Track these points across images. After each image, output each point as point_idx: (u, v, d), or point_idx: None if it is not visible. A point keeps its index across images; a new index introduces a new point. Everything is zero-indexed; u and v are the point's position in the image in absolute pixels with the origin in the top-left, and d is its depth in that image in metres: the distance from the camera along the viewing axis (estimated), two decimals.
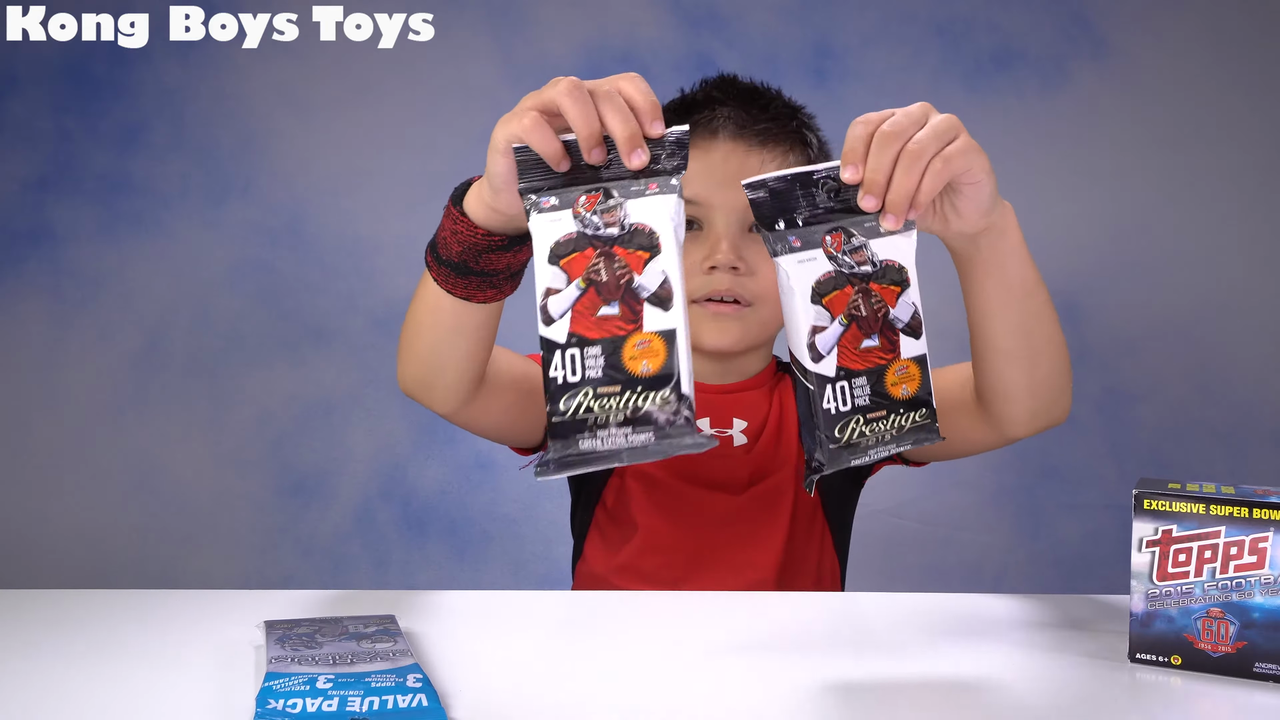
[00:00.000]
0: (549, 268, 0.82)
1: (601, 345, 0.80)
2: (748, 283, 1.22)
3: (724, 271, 1.21)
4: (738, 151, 1.23)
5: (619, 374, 0.79)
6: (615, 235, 0.83)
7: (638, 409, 0.78)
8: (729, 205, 1.21)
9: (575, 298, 0.81)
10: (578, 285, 0.81)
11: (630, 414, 0.78)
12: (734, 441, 1.27)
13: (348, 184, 1.86)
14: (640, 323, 0.80)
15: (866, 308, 0.85)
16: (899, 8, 1.87)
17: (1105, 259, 1.88)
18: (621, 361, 0.79)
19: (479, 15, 1.85)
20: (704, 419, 1.27)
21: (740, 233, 1.22)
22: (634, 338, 0.80)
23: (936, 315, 1.93)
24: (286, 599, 1.05)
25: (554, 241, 0.82)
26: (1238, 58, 1.87)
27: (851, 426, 0.82)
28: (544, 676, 0.87)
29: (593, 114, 0.84)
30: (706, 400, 1.28)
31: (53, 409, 1.85)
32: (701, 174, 1.21)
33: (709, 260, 1.21)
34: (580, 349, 0.80)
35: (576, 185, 0.84)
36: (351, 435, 1.86)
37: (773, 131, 1.24)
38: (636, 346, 0.80)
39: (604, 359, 0.79)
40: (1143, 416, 1.89)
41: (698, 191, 1.21)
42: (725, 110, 1.24)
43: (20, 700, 0.82)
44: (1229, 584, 0.86)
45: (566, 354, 0.80)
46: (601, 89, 0.84)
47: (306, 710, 0.73)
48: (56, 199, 1.84)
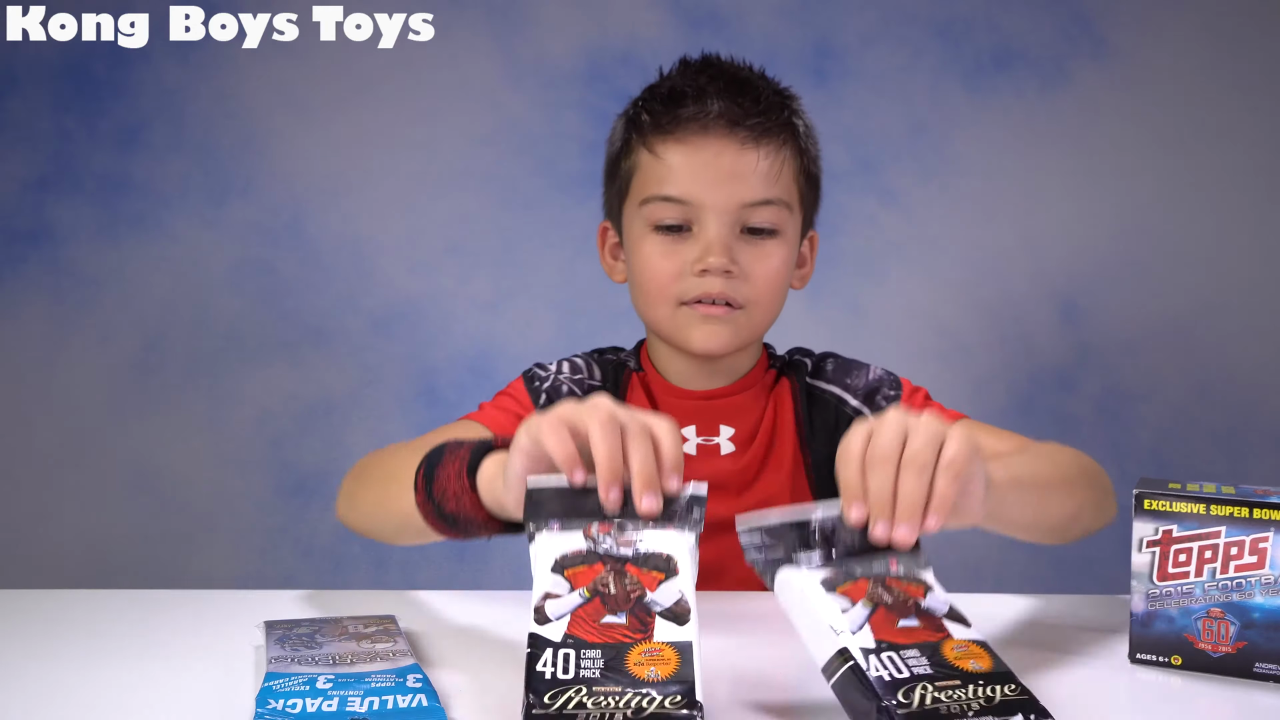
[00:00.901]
0: (550, 575, 0.76)
1: (603, 649, 0.72)
2: (740, 286, 1.20)
3: (716, 275, 1.19)
4: (730, 149, 1.19)
5: (622, 678, 0.71)
6: (629, 556, 0.78)
7: (642, 709, 0.69)
8: (721, 206, 1.18)
9: (577, 604, 0.75)
10: (581, 594, 0.76)
11: (634, 713, 0.69)
12: (721, 450, 1.25)
13: (348, 184, 1.86)
14: (650, 634, 0.74)
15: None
16: (899, 8, 1.87)
17: (1105, 259, 1.88)
18: (626, 666, 0.72)
19: (479, 15, 1.85)
20: (689, 427, 1.24)
21: (732, 235, 1.19)
22: (642, 645, 0.73)
23: (936, 314, 1.94)
24: (286, 599, 1.05)
25: (560, 555, 0.77)
26: (1238, 58, 1.87)
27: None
28: None
29: (618, 452, 0.81)
30: (692, 407, 1.25)
31: (53, 409, 1.85)
32: (692, 173, 1.19)
33: (700, 263, 1.19)
34: (577, 650, 0.72)
35: (588, 518, 0.80)
36: (351, 435, 1.86)
37: (765, 126, 1.20)
38: (644, 654, 0.73)
39: (604, 662, 0.72)
40: (1143, 416, 1.89)
41: (688, 190, 1.19)
42: (716, 105, 1.19)
43: (20, 700, 0.82)
44: (1229, 584, 0.86)
45: (560, 652, 0.72)
46: (633, 426, 0.82)
47: (306, 710, 0.73)
48: (56, 199, 1.84)
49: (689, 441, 1.24)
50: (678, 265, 1.20)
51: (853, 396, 1.27)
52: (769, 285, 1.22)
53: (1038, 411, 1.88)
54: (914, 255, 1.88)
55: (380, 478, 1.08)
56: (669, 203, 1.20)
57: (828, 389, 1.28)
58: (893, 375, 1.29)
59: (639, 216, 1.23)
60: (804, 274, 1.30)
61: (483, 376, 1.83)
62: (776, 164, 1.20)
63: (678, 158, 1.20)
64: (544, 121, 1.85)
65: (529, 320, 1.87)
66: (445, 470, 0.93)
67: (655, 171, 1.21)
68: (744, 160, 1.19)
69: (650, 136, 1.22)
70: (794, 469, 1.26)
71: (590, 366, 1.29)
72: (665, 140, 1.20)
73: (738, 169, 1.19)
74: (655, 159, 1.21)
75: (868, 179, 1.87)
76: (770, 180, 1.20)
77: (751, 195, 1.19)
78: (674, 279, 1.20)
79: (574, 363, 1.29)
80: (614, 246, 1.31)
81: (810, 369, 1.30)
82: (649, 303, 1.24)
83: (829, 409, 1.27)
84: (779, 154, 1.21)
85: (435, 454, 0.96)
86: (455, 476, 0.92)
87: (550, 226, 1.86)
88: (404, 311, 1.87)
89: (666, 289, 1.21)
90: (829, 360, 1.31)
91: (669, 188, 1.20)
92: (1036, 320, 1.89)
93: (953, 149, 1.87)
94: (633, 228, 1.24)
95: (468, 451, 0.93)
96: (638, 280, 1.24)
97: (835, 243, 1.82)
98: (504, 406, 1.25)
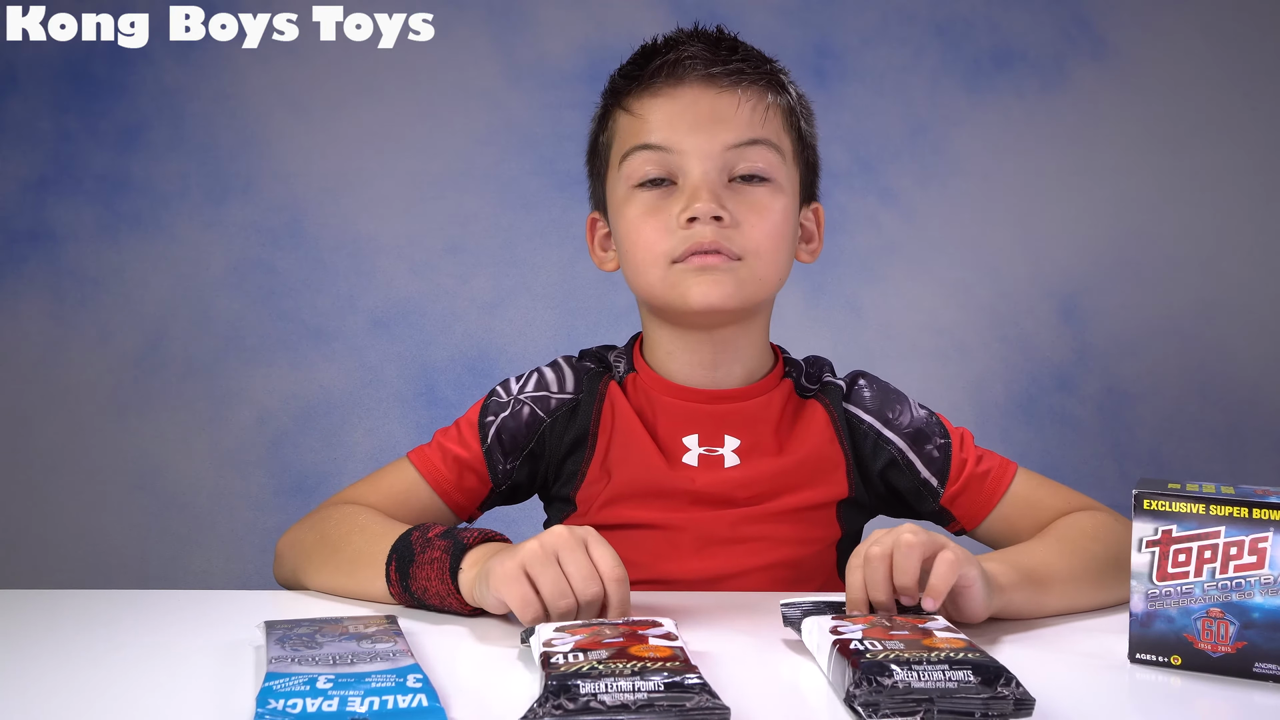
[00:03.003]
0: (552, 632, 0.85)
1: (605, 650, 0.80)
2: (734, 235, 1.11)
3: (705, 223, 1.10)
4: (708, 93, 1.13)
5: (628, 660, 0.78)
6: (618, 621, 0.89)
7: (647, 668, 0.76)
8: (703, 150, 1.12)
9: (576, 640, 0.83)
10: (578, 638, 0.83)
11: (639, 671, 0.76)
12: (725, 462, 1.17)
13: (348, 184, 1.86)
14: (647, 642, 0.82)
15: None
16: (899, 8, 1.87)
17: (1105, 259, 1.88)
18: (629, 653, 0.79)
19: (479, 15, 1.85)
20: (692, 436, 1.17)
21: (720, 181, 1.12)
22: (640, 645, 0.81)
23: (936, 314, 1.94)
24: (286, 599, 1.05)
25: (555, 629, 0.86)
26: (1237, 58, 1.87)
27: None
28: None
29: (564, 584, 0.93)
30: (695, 410, 1.18)
31: (53, 409, 1.85)
32: (670, 119, 1.13)
33: (687, 212, 1.10)
34: (584, 651, 0.80)
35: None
36: (351, 435, 1.86)
37: (745, 72, 1.14)
38: (642, 649, 0.81)
39: (608, 655, 0.79)
40: (1143, 416, 1.89)
41: (667, 138, 1.12)
42: (689, 51, 1.14)
43: (20, 700, 0.82)
44: (1229, 584, 0.86)
45: (565, 654, 0.80)
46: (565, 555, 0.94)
47: (306, 710, 0.73)
48: (56, 199, 1.84)
49: (690, 451, 1.18)
50: (664, 220, 1.13)
51: (897, 435, 1.20)
52: (768, 234, 1.13)
53: (1038, 411, 1.88)
54: (914, 255, 1.88)
55: (336, 562, 1.09)
56: (648, 150, 1.14)
57: (866, 420, 1.21)
58: (934, 417, 1.22)
59: (620, 181, 1.16)
60: (813, 249, 1.23)
61: (483, 376, 1.83)
62: (760, 107, 1.14)
63: (654, 108, 1.15)
64: (544, 121, 1.85)
65: (529, 320, 1.87)
66: (424, 570, 1.00)
67: (632, 127, 1.16)
68: (723, 102, 1.13)
69: (625, 97, 1.17)
70: (825, 501, 1.18)
71: (563, 377, 1.21)
72: (640, 96, 1.16)
73: (717, 111, 1.13)
74: (632, 117, 1.16)
75: (868, 179, 1.87)
76: (755, 123, 1.14)
77: (735, 136, 1.13)
78: (662, 235, 1.13)
79: (543, 375, 1.22)
80: (604, 238, 1.24)
81: (845, 392, 1.22)
82: (639, 268, 1.15)
83: (868, 441, 1.20)
84: (762, 99, 1.15)
85: (404, 550, 1.02)
86: (437, 578, 0.99)
87: (550, 226, 1.86)
88: (404, 311, 1.87)
89: (654, 247, 1.13)
90: (861, 383, 1.23)
91: (647, 136, 1.14)
92: (1036, 320, 1.89)
93: (953, 149, 1.88)
94: (615, 194, 1.18)
95: (444, 554, 0.99)
96: (625, 248, 1.17)
97: (835, 243, 1.82)
98: (448, 446, 1.20)
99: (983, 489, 1.19)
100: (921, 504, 1.21)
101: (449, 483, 1.20)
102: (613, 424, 1.19)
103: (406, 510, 1.17)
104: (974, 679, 0.76)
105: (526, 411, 1.20)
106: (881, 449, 1.20)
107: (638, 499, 1.16)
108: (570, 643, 0.81)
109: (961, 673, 0.76)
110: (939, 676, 0.76)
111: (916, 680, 0.76)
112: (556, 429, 1.20)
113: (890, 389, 1.24)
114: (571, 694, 0.72)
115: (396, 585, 1.02)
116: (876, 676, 0.76)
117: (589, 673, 0.75)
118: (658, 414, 1.19)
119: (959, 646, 0.81)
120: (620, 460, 1.18)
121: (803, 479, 1.18)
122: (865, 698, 0.75)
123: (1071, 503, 1.18)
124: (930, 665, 0.77)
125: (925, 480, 1.20)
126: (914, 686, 0.75)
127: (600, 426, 1.19)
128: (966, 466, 1.19)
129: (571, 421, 1.20)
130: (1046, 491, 1.20)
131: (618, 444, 1.18)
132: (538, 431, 1.20)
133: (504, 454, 1.20)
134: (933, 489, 1.20)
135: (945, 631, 0.85)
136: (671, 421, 1.19)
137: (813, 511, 1.18)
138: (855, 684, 0.76)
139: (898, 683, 0.76)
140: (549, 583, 0.92)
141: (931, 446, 1.20)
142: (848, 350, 1.32)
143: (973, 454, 1.20)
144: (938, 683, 0.76)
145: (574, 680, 0.74)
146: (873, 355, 1.81)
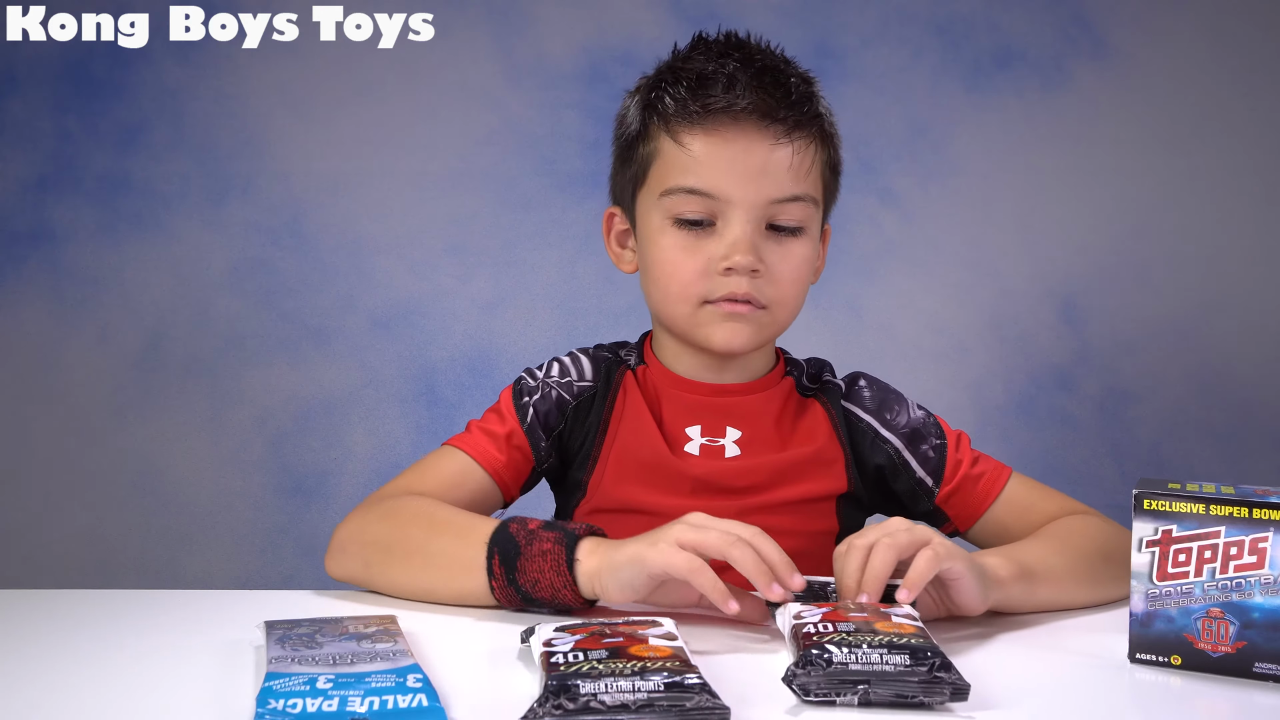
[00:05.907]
0: (552, 632, 0.86)
1: (605, 650, 0.80)
2: (765, 287, 1.16)
3: (742, 274, 1.15)
4: (762, 145, 1.14)
5: (628, 660, 0.78)
6: (619, 622, 0.89)
7: (647, 668, 0.77)
8: (749, 202, 1.14)
9: (576, 640, 0.83)
10: (578, 638, 0.84)
11: (638, 670, 0.77)
12: (725, 452, 1.21)
13: (348, 184, 1.86)
14: (646, 643, 0.82)
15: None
16: (899, 8, 1.87)
17: (1105, 259, 1.88)
18: (629, 653, 0.80)
19: (479, 15, 1.85)
20: (695, 426, 1.21)
21: (758, 232, 1.15)
22: (639, 645, 0.81)
23: (936, 314, 1.94)
24: (286, 599, 1.05)
25: (555, 629, 0.87)
26: (1237, 58, 1.87)
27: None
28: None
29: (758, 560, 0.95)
30: (698, 403, 1.22)
31: (53, 409, 1.85)
32: (721, 166, 1.14)
33: (726, 261, 1.14)
34: (584, 651, 0.80)
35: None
36: (351, 435, 1.86)
37: (797, 120, 1.16)
38: (641, 649, 0.81)
39: (608, 655, 0.79)
40: (1142, 416, 1.89)
41: (717, 184, 1.14)
42: (747, 96, 1.14)
43: (20, 700, 0.82)
44: (1229, 584, 0.86)
45: (565, 653, 0.80)
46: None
47: (306, 710, 0.73)
48: (56, 199, 1.84)
49: (693, 441, 1.21)
50: (701, 263, 1.16)
51: (893, 435, 1.23)
52: (794, 285, 1.19)
53: (1038, 411, 1.88)
54: (914, 255, 1.88)
55: (425, 557, 1.07)
56: (694, 195, 1.15)
57: (864, 419, 1.24)
58: (931, 418, 1.24)
59: (658, 208, 1.18)
60: (818, 268, 1.26)
61: (483, 376, 1.83)
62: (806, 159, 1.17)
63: (705, 149, 1.15)
64: (544, 121, 1.85)
65: (529, 320, 1.87)
66: (534, 563, 0.99)
67: (679, 161, 1.16)
68: (776, 156, 1.15)
69: (675, 124, 1.16)
70: (824, 494, 1.21)
71: (581, 366, 1.24)
72: (692, 130, 1.15)
73: (768, 165, 1.14)
74: (679, 148, 1.16)
75: (868, 179, 1.87)
76: (799, 176, 1.16)
77: (780, 192, 1.15)
78: (698, 277, 1.16)
79: (563, 363, 1.25)
80: (621, 234, 1.26)
81: (844, 391, 1.25)
82: (667, 300, 1.19)
83: (865, 439, 1.23)
84: (808, 149, 1.18)
85: (505, 544, 1.01)
86: (551, 570, 0.98)
87: (550, 226, 1.86)
88: (404, 311, 1.87)
89: (689, 287, 1.17)
90: (861, 383, 1.26)
91: (695, 180, 1.15)
92: (1036, 320, 1.89)
93: (953, 149, 1.87)
94: (650, 219, 1.19)
95: (557, 545, 0.99)
96: (655, 275, 1.19)
97: (835, 243, 1.81)
98: (490, 429, 1.21)
99: (976, 490, 1.21)
100: (916, 503, 1.23)
101: (499, 462, 1.21)
102: (624, 411, 1.23)
103: (459, 495, 1.17)
104: (910, 662, 0.78)
105: (555, 395, 1.23)
106: (878, 447, 1.22)
107: (639, 483, 1.20)
108: (570, 642, 0.82)
109: (899, 656, 0.79)
110: (876, 659, 0.79)
111: (854, 662, 0.78)
112: (580, 413, 1.23)
113: (889, 389, 1.26)
114: (571, 694, 0.73)
115: (501, 579, 1.00)
116: (816, 657, 0.78)
117: (589, 672, 0.75)
118: (663, 404, 1.23)
119: (907, 632, 0.83)
120: (625, 445, 1.21)
121: (802, 472, 1.21)
122: (802, 679, 0.78)
123: (1064, 507, 1.20)
124: (870, 648, 0.79)
125: (920, 480, 1.22)
126: (850, 668, 0.78)
127: (614, 414, 1.23)
128: (961, 468, 1.22)
129: (591, 407, 1.23)
130: (1040, 495, 1.22)
131: (625, 429, 1.22)
132: (565, 415, 1.23)
133: (544, 431, 1.22)
134: (927, 489, 1.22)
135: (903, 618, 0.86)
136: (676, 412, 1.23)
137: (812, 504, 1.20)
138: (797, 664, 0.79)
139: (835, 664, 0.78)
140: (716, 536, 0.94)
141: (927, 447, 1.22)
142: (848, 350, 1.32)
143: (968, 456, 1.23)
144: (874, 665, 0.78)
145: (574, 680, 0.74)
146: (873, 355, 1.80)
